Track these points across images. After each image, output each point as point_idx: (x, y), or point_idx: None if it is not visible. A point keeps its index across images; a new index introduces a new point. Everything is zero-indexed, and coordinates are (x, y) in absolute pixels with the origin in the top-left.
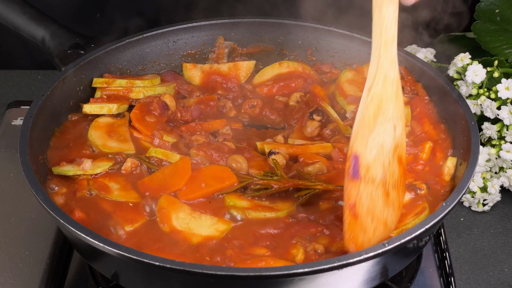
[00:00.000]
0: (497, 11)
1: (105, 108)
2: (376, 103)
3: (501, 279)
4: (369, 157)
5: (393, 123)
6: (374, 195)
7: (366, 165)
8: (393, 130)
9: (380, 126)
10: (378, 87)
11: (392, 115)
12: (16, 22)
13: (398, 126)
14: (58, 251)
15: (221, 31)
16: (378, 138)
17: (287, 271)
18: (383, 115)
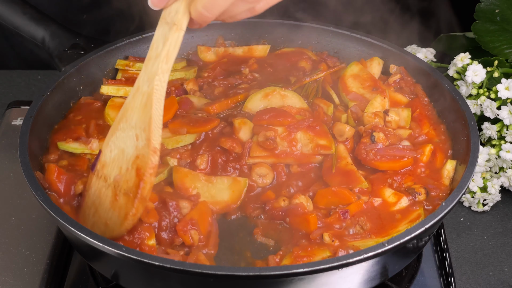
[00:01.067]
0: (497, 11)
1: (121, 91)
2: (123, 111)
3: (501, 279)
4: (108, 156)
5: (135, 132)
6: (103, 193)
7: (104, 162)
8: (135, 138)
9: (122, 131)
10: (129, 97)
11: (135, 124)
12: (16, 22)
13: (141, 137)
14: (58, 251)
15: (221, 31)
16: (120, 142)
17: (287, 271)
18: (126, 122)
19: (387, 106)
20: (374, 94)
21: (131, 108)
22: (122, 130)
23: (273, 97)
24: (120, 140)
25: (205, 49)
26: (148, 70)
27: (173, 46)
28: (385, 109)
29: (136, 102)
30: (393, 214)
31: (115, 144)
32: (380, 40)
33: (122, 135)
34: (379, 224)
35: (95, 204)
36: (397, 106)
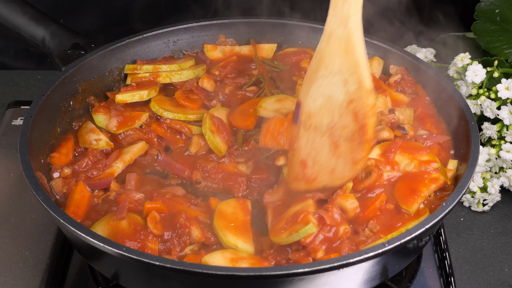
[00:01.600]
0: (497, 11)
1: (136, 96)
2: (318, 59)
3: (501, 279)
4: (312, 105)
5: (342, 77)
6: (317, 142)
7: (308, 112)
8: (342, 84)
9: (323, 79)
10: (322, 44)
11: (339, 69)
12: (16, 22)
13: (351, 81)
14: (58, 251)
15: (221, 31)
16: (324, 90)
17: (287, 271)
18: (326, 69)
19: (390, 106)
20: (375, 94)
21: (329, 55)
22: (323, 78)
23: (286, 101)
24: (323, 87)
25: (211, 47)
26: (338, 13)
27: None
28: (390, 108)
29: (333, 48)
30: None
31: (318, 93)
32: (380, 40)
33: (325, 82)
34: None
35: (312, 155)
36: (399, 106)
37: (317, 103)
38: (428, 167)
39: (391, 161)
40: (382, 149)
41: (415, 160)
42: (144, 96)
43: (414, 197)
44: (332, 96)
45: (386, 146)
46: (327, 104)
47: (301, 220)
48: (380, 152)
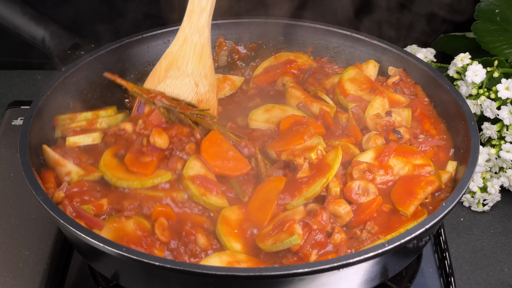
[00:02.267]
0: (497, 11)
1: (89, 138)
2: (170, 60)
3: (501, 279)
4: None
5: (193, 80)
6: None
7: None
8: (194, 85)
9: (173, 79)
10: (175, 47)
11: (192, 72)
12: (16, 22)
13: (202, 84)
14: (58, 251)
15: (221, 31)
16: (172, 88)
17: (287, 271)
18: (178, 70)
19: (387, 107)
20: (372, 96)
21: (181, 57)
22: (173, 78)
23: (274, 110)
24: (172, 86)
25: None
26: (194, 22)
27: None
28: (387, 110)
29: (187, 52)
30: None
31: (165, 92)
32: (380, 40)
33: (174, 82)
34: (385, 225)
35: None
36: (396, 106)
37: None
38: (422, 170)
39: (385, 165)
40: (376, 152)
41: (409, 164)
42: (98, 138)
43: (411, 199)
44: (181, 95)
45: (380, 150)
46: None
47: (287, 229)
48: (374, 155)
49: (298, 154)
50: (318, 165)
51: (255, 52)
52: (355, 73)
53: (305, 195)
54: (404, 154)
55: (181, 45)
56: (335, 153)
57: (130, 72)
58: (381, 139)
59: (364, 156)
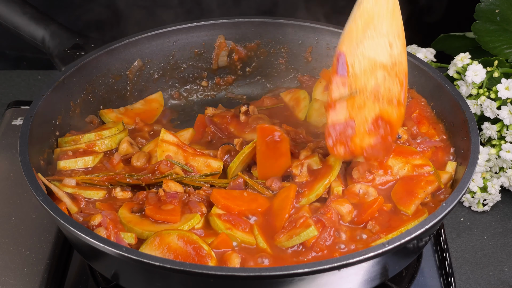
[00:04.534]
0: (497, 11)
1: (80, 162)
2: (366, 18)
3: (501, 279)
4: (357, 67)
5: (387, 40)
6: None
7: (354, 74)
8: (388, 46)
9: (371, 40)
10: (369, 3)
11: (386, 31)
12: (16, 22)
13: (394, 44)
14: (58, 251)
15: (221, 31)
16: (369, 52)
17: (287, 271)
18: (374, 30)
19: None
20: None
21: (376, 16)
22: (371, 38)
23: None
24: (369, 49)
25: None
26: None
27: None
28: None
29: (381, 9)
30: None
31: (362, 55)
32: None
33: (371, 43)
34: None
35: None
36: None
37: (362, 65)
38: (421, 171)
39: (384, 165)
40: None
41: (408, 164)
42: (90, 163)
43: (411, 199)
44: (377, 58)
45: None
46: (371, 66)
47: (301, 224)
48: None
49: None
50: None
51: (254, 52)
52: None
53: (309, 196)
54: (403, 155)
55: (375, 1)
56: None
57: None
58: None
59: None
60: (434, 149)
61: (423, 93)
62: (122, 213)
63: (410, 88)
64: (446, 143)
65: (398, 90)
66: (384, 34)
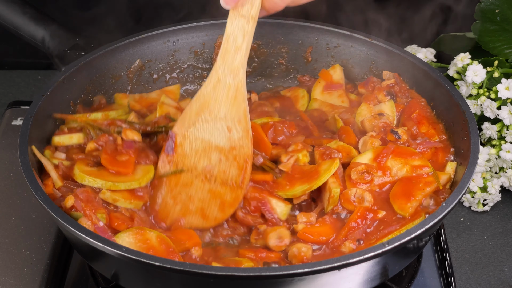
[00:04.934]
0: (497, 11)
1: (74, 138)
2: (201, 102)
3: (501, 279)
4: (188, 147)
5: (226, 124)
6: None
7: (183, 153)
8: (226, 130)
9: (204, 123)
10: (207, 88)
11: (224, 116)
12: (16, 22)
13: (235, 129)
14: (58, 251)
15: (221, 31)
16: (203, 133)
17: (287, 271)
18: (210, 114)
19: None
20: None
21: (214, 100)
22: (205, 121)
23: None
24: (202, 131)
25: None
26: (228, 63)
27: (250, 39)
28: (379, 112)
29: (220, 94)
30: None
31: (195, 136)
32: (380, 40)
33: (205, 126)
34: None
35: (181, 197)
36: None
37: (194, 145)
38: (420, 172)
39: (383, 166)
40: (374, 153)
41: (407, 165)
42: (81, 139)
43: (410, 201)
44: (211, 141)
45: (379, 151)
46: (204, 147)
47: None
48: (372, 156)
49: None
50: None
51: (255, 52)
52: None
53: (286, 192)
54: (402, 155)
55: (213, 87)
56: (329, 164)
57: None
58: (377, 141)
59: (362, 157)
60: (434, 150)
61: (423, 93)
62: (80, 167)
63: (410, 88)
64: (446, 143)
65: (236, 173)
66: (222, 118)
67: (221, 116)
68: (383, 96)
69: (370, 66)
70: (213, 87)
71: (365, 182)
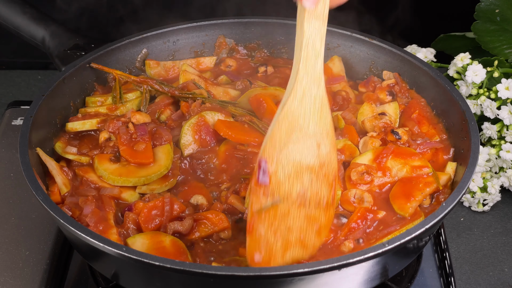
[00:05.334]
0: (497, 11)
1: (87, 124)
2: (290, 120)
3: (501, 279)
4: (281, 174)
5: (315, 141)
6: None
7: (277, 181)
8: (316, 148)
9: (295, 143)
10: (294, 103)
11: (313, 132)
12: (16, 22)
13: (323, 144)
14: (58, 251)
15: (221, 31)
16: (294, 155)
17: (287, 271)
18: (300, 132)
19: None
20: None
21: (303, 116)
22: (295, 142)
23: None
24: (294, 153)
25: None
26: (310, 72)
27: (324, 41)
28: (380, 112)
29: (307, 108)
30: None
31: (287, 159)
32: (380, 40)
33: (297, 147)
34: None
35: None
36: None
37: (286, 170)
38: (420, 172)
39: (383, 166)
40: (374, 154)
41: (407, 166)
42: (96, 124)
43: (409, 201)
44: (302, 161)
45: (379, 152)
46: (297, 170)
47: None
48: (372, 157)
49: None
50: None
51: (255, 52)
52: None
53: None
54: (402, 156)
55: (300, 101)
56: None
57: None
58: (377, 141)
59: (362, 158)
60: (434, 150)
61: (423, 93)
62: (103, 166)
63: (410, 88)
64: (446, 144)
65: (327, 192)
66: (311, 135)
67: (310, 132)
68: (384, 95)
69: (370, 66)
70: (299, 101)
71: (365, 182)
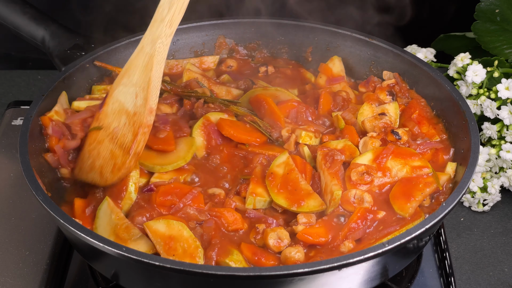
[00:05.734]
0: (497, 11)
1: (93, 104)
2: (127, 67)
3: (501, 279)
4: (110, 106)
5: (135, 90)
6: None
7: (106, 111)
8: (134, 96)
9: (124, 86)
10: (133, 54)
11: (135, 82)
12: (16, 22)
13: (139, 96)
14: (58, 251)
15: (221, 31)
16: (121, 96)
17: (287, 271)
18: (128, 78)
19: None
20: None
21: (134, 66)
22: (124, 85)
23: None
24: (121, 94)
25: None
26: (152, 32)
27: (178, 11)
28: (380, 112)
29: (139, 61)
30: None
31: (116, 97)
32: (380, 40)
33: (124, 90)
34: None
35: (93, 153)
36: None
37: (114, 106)
38: (420, 172)
39: (383, 167)
40: (374, 154)
41: (407, 166)
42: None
43: (409, 201)
44: (124, 104)
45: (378, 152)
46: (120, 109)
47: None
48: (372, 157)
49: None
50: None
51: (255, 53)
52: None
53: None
54: (402, 156)
55: (136, 54)
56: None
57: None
58: (377, 141)
59: (362, 158)
60: (434, 150)
61: (423, 93)
62: None
63: (410, 88)
64: (446, 143)
65: (130, 138)
66: (134, 84)
67: (134, 81)
68: (385, 95)
69: (370, 66)
70: (136, 54)
71: (365, 183)
